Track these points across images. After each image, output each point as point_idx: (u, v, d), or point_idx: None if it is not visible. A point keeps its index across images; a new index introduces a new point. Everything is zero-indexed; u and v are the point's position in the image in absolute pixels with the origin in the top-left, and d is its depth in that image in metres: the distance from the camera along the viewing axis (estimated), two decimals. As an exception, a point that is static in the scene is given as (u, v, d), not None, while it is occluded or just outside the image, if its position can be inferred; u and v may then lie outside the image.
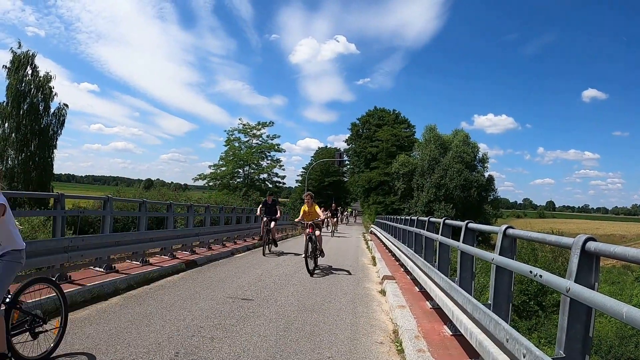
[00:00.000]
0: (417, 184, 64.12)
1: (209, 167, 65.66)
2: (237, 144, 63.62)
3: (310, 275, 11.58)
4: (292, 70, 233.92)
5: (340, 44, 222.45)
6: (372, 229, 34.50)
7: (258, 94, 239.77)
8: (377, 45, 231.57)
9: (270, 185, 64.31)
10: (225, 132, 65.92)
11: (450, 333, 6.11)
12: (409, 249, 11.61)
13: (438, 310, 7.31)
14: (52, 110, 42.23)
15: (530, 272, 3.69)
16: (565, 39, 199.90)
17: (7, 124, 40.19)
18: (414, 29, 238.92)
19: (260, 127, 64.49)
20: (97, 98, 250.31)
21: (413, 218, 12.42)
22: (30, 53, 41.49)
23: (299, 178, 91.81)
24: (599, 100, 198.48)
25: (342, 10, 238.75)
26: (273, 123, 66.14)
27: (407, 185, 65.50)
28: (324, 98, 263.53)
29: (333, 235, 30.94)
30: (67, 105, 43.38)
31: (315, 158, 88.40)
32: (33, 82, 41.01)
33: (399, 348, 5.86)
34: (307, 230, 12.58)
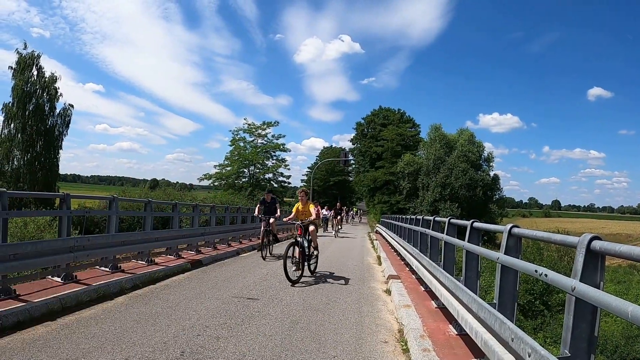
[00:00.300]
0: (422, 183, 64.11)
1: (214, 166, 65.67)
2: (242, 144, 63.59)
3: (292, 285, 9.90)
4: (296, 70, 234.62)
5: (345, 44, 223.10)
6: (377, 229, 34.48)
7: (263, 94, 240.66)
8: (381, 45, 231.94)
9: (276, 185, 64.25)
10: (231, 131, 65.90)
11: (456, 332, 6.11)
12: (414, 249, 11.60)
13: (443, 310, 7.31)
14: (57, 111, 42.37)
15: (536, 271, 3.69)
16: (570, 37, 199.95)
17: (12, 125, 40.34)
18: (419, 28, 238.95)
19: (266, 126, 64.44)
20: (102, 98, 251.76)
21: (418, 217, 12.41)
22: (36, 54, 41.64)
23: (305, 178, 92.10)
24: (605, 99, 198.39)
25: (346, 10, 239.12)
26: (278, 123, 66.11)
27: (412, 185, 65.52)
28: (329, 97, 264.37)
29: (337, 236, 29.57)
30: (72, 106, 43.53)
31: (321, 158, 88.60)
32: (38, 82, 41.13)
33: (404, 347, 5.86)
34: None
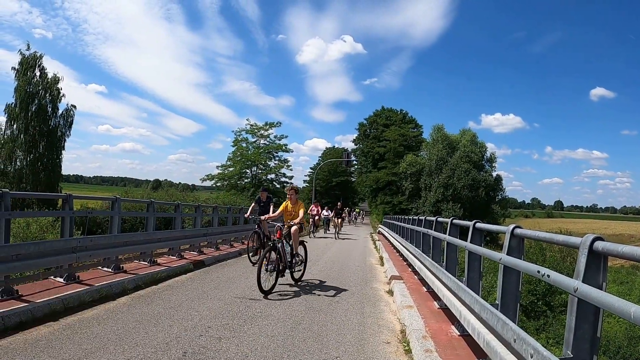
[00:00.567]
0: (424, 184, 63.99)
1: (217, 167, 65.75)
2: (244, 145, 63.64)
3: (264, 296, 8.53)
4: (299, 71, 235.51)
5: (347, 44, 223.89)
6: (379, 229, 34.45)
7: (265, 94, 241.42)
8: (383, 45, 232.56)
9: (278, 186, 64.24)
10: (233, 132, 65.94)
11: (458, 333, 6.10)
12: (417, 249, 11.59)
13: (446, 311, 7.30)
14: (60, 112, 42.55)
15: (538, 272, 3.68)
16: (573, 37, 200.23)
17: (15, 125, 40.48)
18: (421, 28, 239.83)
19: (268, 127, 64.48)
20: (104, 99, 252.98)
21: (421, 218, 12.40)
22: (38, 55, 41.78)
23: (307, 178, 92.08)
24: (607, 99, 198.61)
25: (348, 10, 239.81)
26: (280, 123, 66.12)
27: (414, 185, 65.40)
28: (331, 98, 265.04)
29: (338, 238, 28.13)
30: (75, 107, 43.68)
31: (323, 158, 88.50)
32: (41, 83, 41.26)
33: (407, 348, 5.86)
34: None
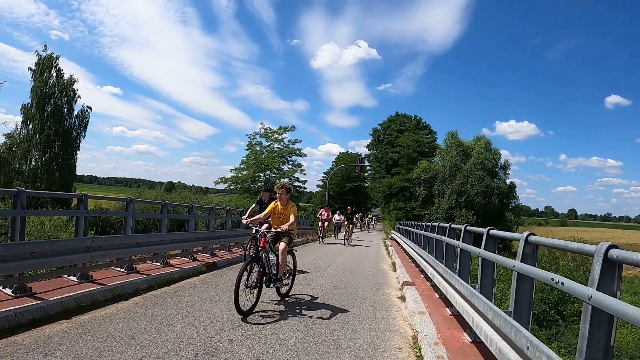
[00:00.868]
0: (438, 190, 63.84)
1: (230, 170, 65.87)
2: (258, 148, 63.82)
3: (242, 318, 6.97)
4: (313, 75, 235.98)
5: (362, 49, 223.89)
6: (392, 235, 34.37)
7: (280, 99, 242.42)
8: (398, 50, 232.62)
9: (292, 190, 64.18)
10: (247, 136, 66.14)
11: (470, 340, 6.08)
12: (430, 255, 11.56)
13: (458, 317, 7.28)
14: (75, 113, 42.95)
15: (552, 279, 3.66)
16: (588, 45, 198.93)
17: (31, 125, 40.90)
18: (436, 34, 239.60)
19: (282, 131, 64.63)
20: (120, 101, 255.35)
21: (434, 224, 12.37)
22: (55, 56, 42.19)
23: (320, 183, 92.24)
24: (623, 107, 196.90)
25: (363, 16, 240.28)
26: (295, 128, 66.41)
27: (428, 192, 65.29)
28: (346, 103, 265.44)
29: (347, 244, 26.62)
30: (90, 108, 44.06)
31: (337, 163, 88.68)
32: (57, 84, 41.66)
33: (418, 354, 5.84)
34: (255, 245, 7.98)
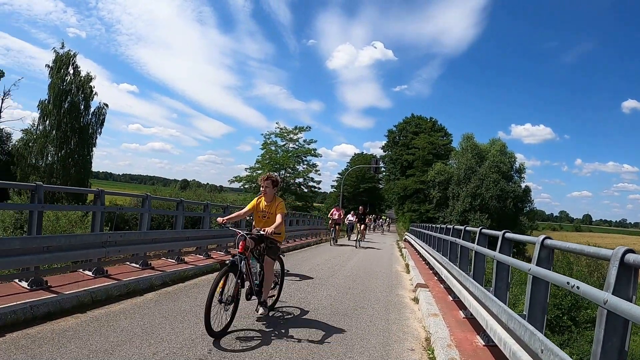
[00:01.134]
0: (452, 193, 63.66)
1: (245, 169, 65.94)
2: (273, 148, 63.78)
3: (214, 341, 5.59)
4: (329, 76, 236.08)
5: (378, 50, 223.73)
6: (406, 237, 34.29)
7: (295, 99, 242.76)
8: (414, 52, 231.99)
9: (306, 190, 64.30)
10: (262, 135, 66.22)
11: (483, 343, 6.07)
12: (444, 258, 11.53)
13: (471, 320, 7.27)
14: (92, 110, 43.53)
15: (568, 283, 3.65)
16: (605, 49, 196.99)
17: (48, 121, 41.42)
18: (452, 37, 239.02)
19: (297, 131, 64.46)
20: (136, 99, 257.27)
21: (449, 227, 12.33)
22: (72, 53, 42.75)
23: (335, 183, 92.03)
24: (639, 112, 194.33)
25: (380, 17, 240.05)
26: (310, 128, 66.41)
27: (442, 194, 65.14)
28: (361, 104, 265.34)
29: (359, 246, 24.93)
30: (107, 105, 44.53)
31: (351, 164, 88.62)
32: (74, 81, 42.18)
33: (431, 356, 5.84)
34: (235, 251, 6.57)
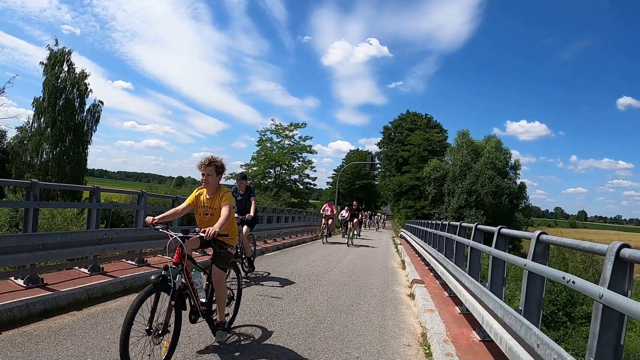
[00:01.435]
0: (448, 190, 63.73)
1: (240, 166, 65.98)
2: (269, 144, 63.78)
3: None
4: (324, 72, 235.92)
5: (373, 47, 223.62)
6: (401, 233, 34.33)
7: (290, 95, 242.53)
8: (410, 49, 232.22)
9: (302, 187, 64.37)
10: (258, 132, 66.07)
11: (479, 338, 6.09)
12: (440, 253, 11.56)
13: (467, 316, 7.29)
14: (87, 107, 43.23)
15: (563, 278, 3.67)
16: (600, 46, 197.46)
17: (43, 119, 41.23)
18: (448, 33, 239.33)
19: (293, 128, 64.51)
20: (131, 96, 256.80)
21: (444, 223, 12.37)
22: (67, 50, 42.46)
23: (330, 180, 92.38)
24: (635, 108, 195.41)
25: (375, 13, 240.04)
26: (305, 124, 66.07)
27: (438, 191, 65.18)
28: (356, 101, 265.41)
29: (351, 244, 23.03)
30: (102, 102, 44.31)
31: (347, 160, 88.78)
32: (69, 78, 41.96)
33: (427, 351, 5.86)
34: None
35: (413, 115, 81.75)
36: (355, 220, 25.29)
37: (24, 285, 6.86)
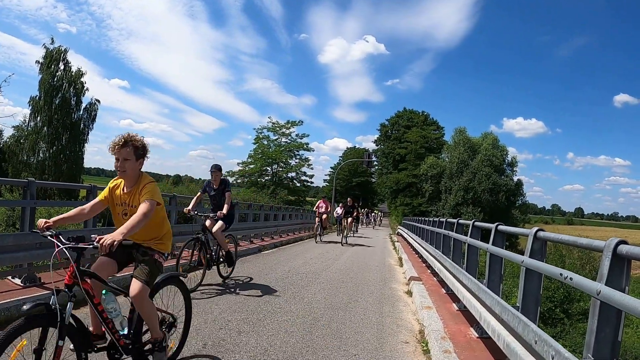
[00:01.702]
0: (445, 187, 63.78)
1: (237, 164, 65.97)
2: (266, 142, 63.80)
3: None
4: (321, 70, 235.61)
5: (370, 44, 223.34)
6: (398, 231, 34.36)
7: (287, 93, 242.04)
8: (407, 46, 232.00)
9: (299, 184, 64.41)
10: (255, 130, 66.21)
11: (477, 335, 6.10)
12: (437, 251, 11.57)
13: (465, 312, 7.29)
14: (83, 105, 43.35)
15: (561, 274, 3.68)
16: (598, 43, 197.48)
17: (39, 118, 41.28)
18: (445, 31, 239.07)
19: (290, 125, 64.53)
20: (127, 94, 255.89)
21: (441, 220, 12.37)
22: (62, 49, 42.44)
23: (327, 178, 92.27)
24: (631, 106, 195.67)
25: (372, 11, 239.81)
26: (302, 122, 66.18)
27: (435, 188, 65.24)
28: (353, 98, 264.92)
29: (345, 243, 21.48)
30: (98, 101, 44.33)
31: (344, 158, 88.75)
32: (65, 77, 41.98)
33: (425, 348, 5.86)
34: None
35: (410, 113, 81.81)
36: (350, 219, 23.45)
37: (21, 285, 6.83)
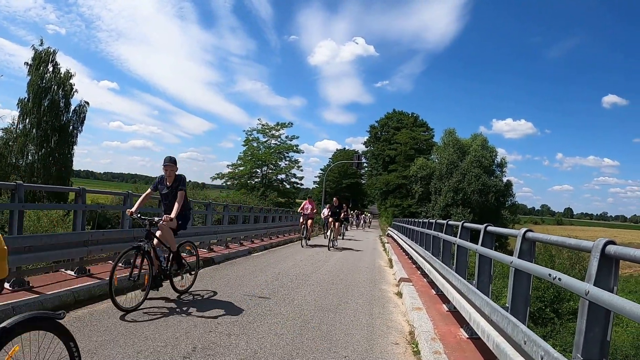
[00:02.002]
0: (434, 188, 64.04)
1: (227, 166, 66.01)
2: (255, 144, 63.71)
3: None
4: (311, 72, 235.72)
5: (360, 46, 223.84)
6: (388, 232, 34.39)
7: (277, 95, 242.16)
8: (396, 48, 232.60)
9: (288, 186, 64.32)
10: (244, 132, 66.01)
11: (467, 336, 6.11)
12: (427, 252, 11.59)
13: (455, 313, 7.31)
14: (72, 107, 43.12)
15: (550, 275, 3.69)
16: (587, 44, 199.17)
17: (28, 120, 41.01)
18: (434, 32, 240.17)
19: (279, 127, 64.50)
20: (116, 96, 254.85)
21: (431, 221, 12.40)
22: (51, 50, 42.22)
23: (317, 179, 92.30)
24: (620, 106, 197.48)
25: (362, 12, 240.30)
26: (292, 124, 66.18)
27: (424, 189, 65.48)
28: (343, 100, 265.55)
29: (333, 247, 20.08)
30: (88, 103, 44.12)
31: (333, 160, 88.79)
32: (54, 79, 41.75)
33: (415, 350, 5.86)
34: None
35: (399, 114, 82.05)
36: (337, 223, 21.82)
37: (10, 289, 6.77)
